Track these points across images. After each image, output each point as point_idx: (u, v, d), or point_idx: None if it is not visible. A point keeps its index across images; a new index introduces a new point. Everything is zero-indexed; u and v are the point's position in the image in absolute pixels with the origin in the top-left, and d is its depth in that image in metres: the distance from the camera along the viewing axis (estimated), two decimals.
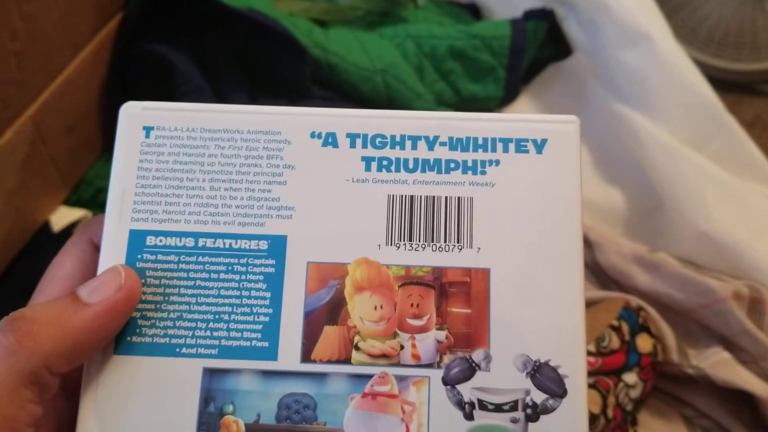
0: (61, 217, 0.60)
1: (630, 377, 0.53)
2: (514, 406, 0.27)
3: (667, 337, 0.55)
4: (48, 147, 0.56)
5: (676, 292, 0.56)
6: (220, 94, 0.60)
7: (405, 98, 0.66)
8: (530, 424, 0.27)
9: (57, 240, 0.58)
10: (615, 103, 0.67)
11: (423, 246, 0.28)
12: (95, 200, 0.61)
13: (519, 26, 0.67)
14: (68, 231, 0.59)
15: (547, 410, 0.27)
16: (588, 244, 0.60)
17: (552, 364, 0.27)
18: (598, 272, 0.60)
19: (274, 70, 0.63)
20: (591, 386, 0.51)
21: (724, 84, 1.16)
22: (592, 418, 0.50)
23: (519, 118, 0.29)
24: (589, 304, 0.56)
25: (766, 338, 0.53)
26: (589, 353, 0.52)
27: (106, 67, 0.60)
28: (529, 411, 0.27)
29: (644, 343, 0.53)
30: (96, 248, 0.29)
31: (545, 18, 0.70)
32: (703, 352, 0.55)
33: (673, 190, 0.61)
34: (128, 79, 0.61)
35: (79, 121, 0.59)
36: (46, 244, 0.58)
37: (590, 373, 0.52)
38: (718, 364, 0.53)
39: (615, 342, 0.52)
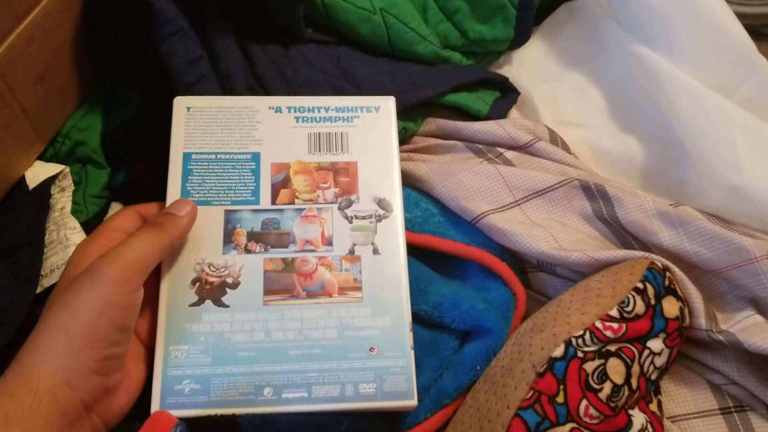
0: (37, 173, 0.53)
1: (656, 344, 0.47)
2: (370, 217, 0.50)
3: (695, 299, 0.49)
4: (17, 98, 0.49)
5: (704, 250, 0.49)
6: (206, 39, 0.53)
7: (407, 41, 0.58)
8: (378, 224, 0.50)
9: (33, 197, 0.52)
10: (634, 44, 0.59)
11: (325, 153, 0.52)
12: (73, 154, 0.54)
13: None
14: (44, 187, 0.53)
15: (386, 217, 0.50)
16: (606, 198, 0.53)
17: (386, 198, 0.51)
18: (617, 229, 0.53)
19: (264, 11, 0.55)
20: (614, 354, 0.46)
21: None
22: (616, 389, 0.45)
23: (367, 99, 0.54)
24: (610, 265, 0.50)
25: None
26: (612, 319, 0.46)
27: (79, 9, 0.53)
28: (377, 218, 0.50)
29: (671, 307, 0.47)
30: (143, 219, 0.48)
31: None
32: (734, 315, 0.49)
33: (699, 139, 0.54)
34: (104, 22, 0.54)
35: (50, 69, 0.51)
36: (21, 201, 0.52)
37: (613, 340, 0.46)
38: (751, 329, 0.47)
39: (640, 306, 0.46)
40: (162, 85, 0.52)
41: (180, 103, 0.51)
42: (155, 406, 0.44)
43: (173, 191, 0.49)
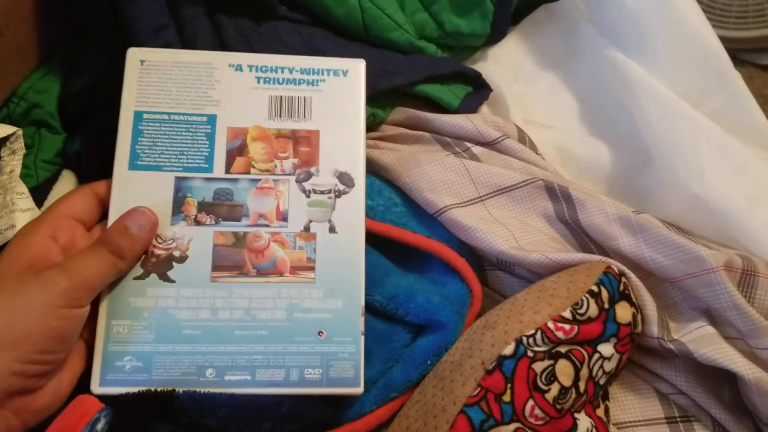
0: None
1: (606, 348, 0.46)
2: (329, 192, 0.48)
3: (648, 307, 0.48)
4: None
5: (662, 257, 0.49)
6: (175, 7, 0.51)
7: (382, 27, 0.57)
8: (337, 200, 0.48)
9: None
10: (609, 49, 0.58)
11: (286, 119, 0.49)
12: (28, 116, 0.52)
13: None
14: None
15: (346, 193, 0.48)
16: (569, 200, 0.52)
17: (348, 172, 0.48)
18: (578, 232, 0.52)
19: None
20: (564, 356, 0.45)
21: None
22: (563, 391, 0.44)
23: (335, 61, 0.50)
24: (568, 266, 0.50)
25: (756, 314, 0.46)
26: (564, 320, 0.45)
27: None
28: (337, 193, 0.48)
29: (624, 312, 0.47)
30: (98, 200, 0.46)
31: None
32: (686, 325, 0.49)
33: (665, 147, 0.54)
34: None
35: (10, 24, 0.49)
36: None
37: (564, 342, 0.45)
38: (702, 340, 0.47)
39: (593, 309, 0.46)
40: (124, 50, 0.50)
41: (134, 55, 0.48)
42: (95, 383, 0.43)
43: (122, 154, 0.46)
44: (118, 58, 0.49)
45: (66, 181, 0.53)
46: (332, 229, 0.47)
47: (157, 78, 0.48)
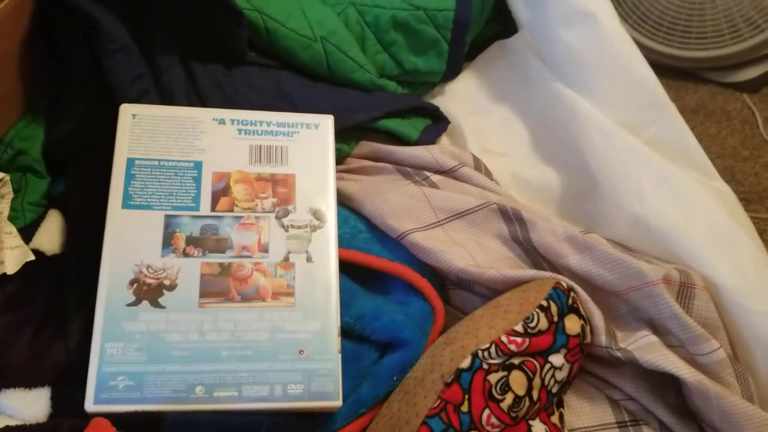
0: None
1: (557, 359, 0.49)
2: (306, 226, 0.52)
3: (596, 318, 0.52)
4: None
5: (607, 272, 0.52)
6: (150, 57, 0.55)
7: (345, 68, 0.61)
8: (313, 233, 0.52)
9: None
10: (556, 82, 0.63)
11: (265, 165, 0.54)
12: (14, 162, 0.55)
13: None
14: None
15: (320, 227, 0.52)
16: (522, 222, 0.56)
17: (321, 209, 0.53)
18: (530, 251, 0.56)
19: (209, 34, 0.58)
20: (517, 367, 0.48)
21: (671, 70, 1.14)
22: (517, 400, 0.47)
23: (307, 116, 0.56)
24: (520, 283, 0.53)
25: (694, 323, 0.50)
26: (516, 333, 0.48)
27: (28, 21, 0.54)
28: (312, 227, 0.52)
29: (572, 324, 0.50)
30: None
31: None
32: (632, 335, 0.52)
33: (609, 172, 0.58)
34: (53, 35, 0.55)
35: None
36: None
37: (517, 354, 0.48)
38: (646, 348, 0.50)
39: (543, 323, 0.49)
40: (105, 98, 0.53)
41: (126, 110, 0.52)
42: (89, 401, 0.45)
43: (115, 195, 0.50)
44: (100, 106, 0.53)
45: (53, 220, 0.56)
46: (309, 259, 0.51)
47: (147, 129, 0.52)
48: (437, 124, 0.65)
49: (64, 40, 0.55)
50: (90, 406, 0.45)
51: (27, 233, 0.53)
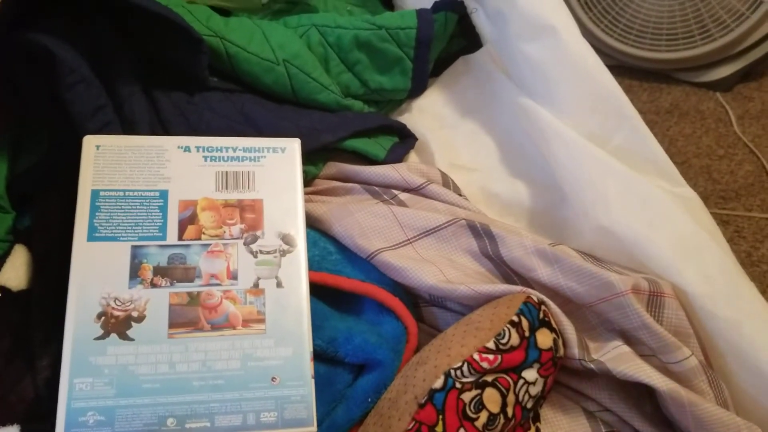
0: None
1: (530, 374, 0.49)
2: (275, 251, 0.52)
3: (568, 331, 0.52)
4: None
5: (576, 285, 0.53)
6: (111, 87, 0.54)
7: (309, 90, 0.61)
8: (282, 258, 0.52)
9: None
10: (521, 96, 0.63)
11: (232, 191, 0.53)
12: None
13: (426, 17, 0.63)
14: None
15: (290, 252, 0.52)
16: (491, 237, 0.56)
17: (290, 233, 0.53)
18: (500, 265, 0.56)
19: (169, 61, 0.58)
20: (490, 384, 0.48)
21: (644, 73, 1.15)
22: (492, 418, 0.47)
23: (273, 140, 0.56)
24: (492, 298, 0.53)
25: (665, 331, 0.50)
26: (488, 350, 0.48)
27: None
28: (282, 252, 0.52)
29: (544, 338, 0.50)
30: None
31: (455, 9, 0.66)
32: (604, 346, 0.52)
33: (576, 184, 0.58)
34: (9, 71, 0.55)
35: None
36: None
37: (490, 371, 0.48)
38: (619, 358, 0.50)
39: (515, 338, 0.49)
40: (67, 131, 0.53)
41: (89, 141, 0.52)
42: None
43: (81, 227, 0.49)
44: (62, 138, 0.53)
45: (18, 255, 0.55)
46: (279, 284, 0.51)
47: (111, 160, 0.52)
48: (404, 141, 0.65)
49: (21, 75, 0.55)
50: None
51: None
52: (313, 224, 0.58)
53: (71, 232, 0.50)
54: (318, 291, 0.54)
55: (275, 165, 0.55)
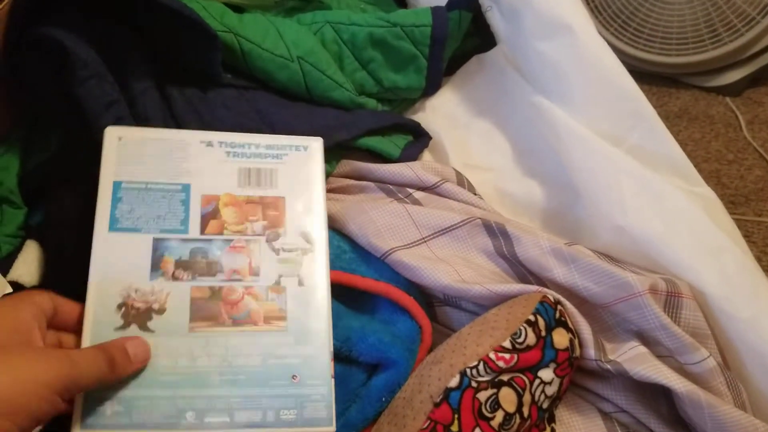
0: None
1: (546, 374, 0.49)
2: (297, 249, 0.52)
3: (584, 331, 0.51)
4: None
5: (593, 285, 0.52)
6: (124, 82, 0.54)
7: (323, 87, 0.61)
8: (303, 257, 0.51)
9: None
10: (535, 95, 0.63)
11: (255, 187, 0.53)
12: None
13: (441, 14, 0.63)
14: None
15: (311, 250, 0.52)
16: (506, 236, 0.56)
17: (311, 232, 0.52)
18: (516, 265, 0.56)
19: (183, 57, 0.57)
20: (506, 384, 0.48)
21: (653, 77, 1.15)
22: (508, 417, 0.47)
23: (295, 138, 0.55)
24: (507, 298, 0.53)
25: (682, 332, 0.49)
26: (504, 350, 0.48)
27: None
28: (303, 251, 0.52)
29: (560, 338, 0.50)
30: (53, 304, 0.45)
31: (469, 7, 0.66)
32: (621, 346, 0.52)
33: (590, 183, 0.58)
34: (22, 64, 0.55)
35: None
36: None
37: (506, 370, 0.48)
38: (636, 359, 0.50)
39: (531, 338, 0.49)
40: (79, 126, 0.53)
41: (112, 132, 0.51)
42: (76, 426, 0.44)
43: (102, 218, 0.49)
44: (74, 134, 0.52)
45: (30, 251, 0.55)
46: (300, 283, 0.50)
47: (134, 152, 0.51)
48: (419, 140, 0.65)
49: (36, 70, 0.55)
50: (77, 431, 0.44)
51: (4, 265, 0.52)
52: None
53: (85, 226, 0.49)
54: (332, 289, 0.54)
55: (297, 163, 0.54)
